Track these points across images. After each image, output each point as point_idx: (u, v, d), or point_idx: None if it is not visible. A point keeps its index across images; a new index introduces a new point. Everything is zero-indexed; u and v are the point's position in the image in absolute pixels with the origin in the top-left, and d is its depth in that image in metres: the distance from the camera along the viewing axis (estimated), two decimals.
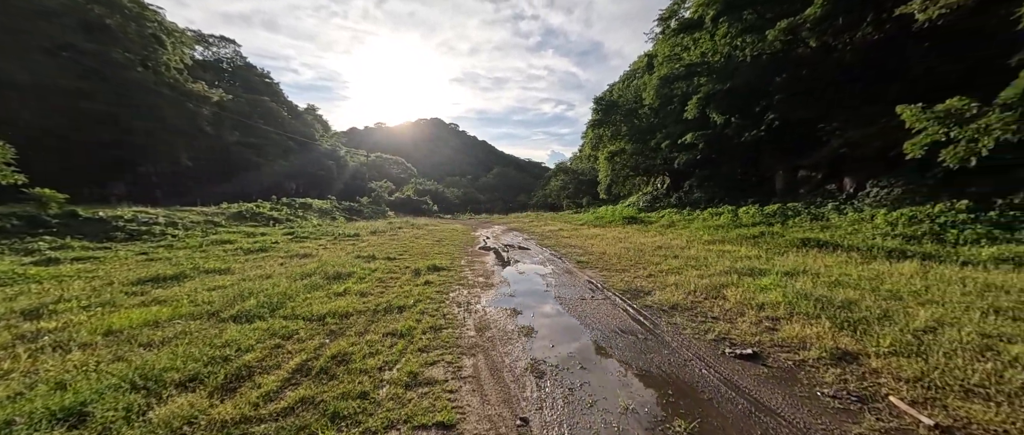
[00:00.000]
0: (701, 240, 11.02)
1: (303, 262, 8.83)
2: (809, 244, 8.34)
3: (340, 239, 14.75)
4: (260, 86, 46.51)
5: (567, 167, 54.48)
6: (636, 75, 32.32)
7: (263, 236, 14.34)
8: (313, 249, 11.48)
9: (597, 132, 27.48)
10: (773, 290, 4.92)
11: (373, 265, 8.40)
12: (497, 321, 4.61)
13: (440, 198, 57.49)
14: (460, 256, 10.36)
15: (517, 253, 11.07)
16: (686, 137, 17.32)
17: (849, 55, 14.71)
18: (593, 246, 11.54)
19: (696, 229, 13.78)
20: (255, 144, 36.17)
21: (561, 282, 6.88)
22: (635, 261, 8.42)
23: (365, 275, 7.19)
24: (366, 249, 11.50)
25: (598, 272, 7.59)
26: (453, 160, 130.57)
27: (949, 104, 7.75)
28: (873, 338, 3.36)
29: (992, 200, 8.60)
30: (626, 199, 36.13)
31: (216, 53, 47.46)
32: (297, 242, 13.37)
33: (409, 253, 10.83)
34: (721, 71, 16.45)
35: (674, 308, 4.80)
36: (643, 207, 27.39)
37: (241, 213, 18.70)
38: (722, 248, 9.28)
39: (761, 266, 6.66)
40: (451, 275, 7.47)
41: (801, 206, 13.06)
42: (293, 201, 24.91)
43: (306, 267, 7.62)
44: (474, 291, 6.20)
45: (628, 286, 6.14)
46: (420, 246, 12.56)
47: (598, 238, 13.65)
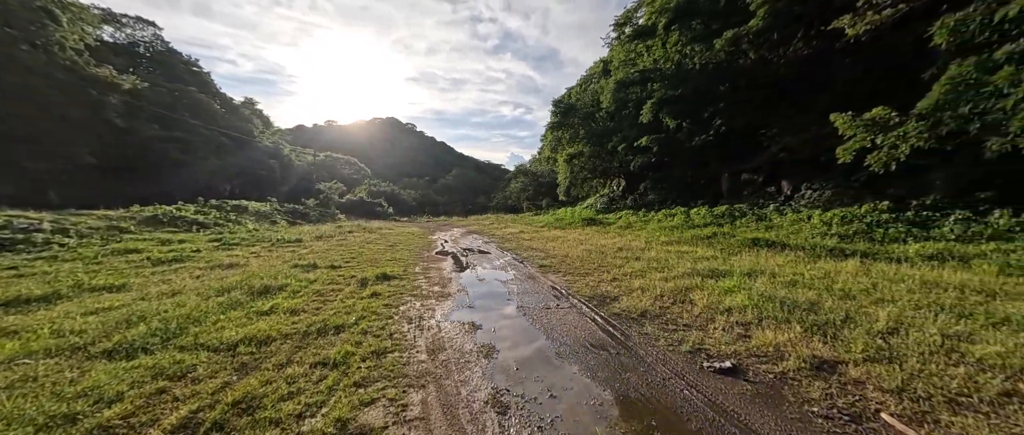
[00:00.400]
0: (659, 241, 11.18)
1: (226, 274, 7.58)
2: (759, 244, 8.67)
3: (278, 246, 13.22)
4: (186, 75, 41.55)
5: (527, 169, 54.72)
6: (593, 79, 33.15)
7: (181, 244, 12.43)
8: (242, 258, 10.07)
9: (556, 134, 27.68)
10: (738, 293, 4.83)
11: (312, 275, 7.41)
12: (453, 339, 4.03)
13: (396, 200, 55.10)
14: (415, 262, 9.58)
15: (476, 257, 10.50)
16: (642, 140, 17.82)
17: (783, 68, 15.92)
18: (555, 249, 11.28)
19: (652, 230, 14.09)
20: (180, 139, 32.10)
21: (524, 289, 6.44)
22: (598, 264, 8.22)
23: (301, 288, 6.24)
24: (307, 256, 10.30)
25: (562, 277, 7.26)
26: (410, 161, 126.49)
27: (875, 113, 8.40)
28: (844, 343, 3.26)
29: (908, 201, 9.53)
30: (584, 201, 36.89)
31: (131, 35, 41.76)
32: (224, 250, 11.73)
33: (357, 260, 9.84)
34: (673, 78, 17.13)
35: (643, 316, 4.53)
36: (601, 208, 27.99)
37: (157, 217, 16.22)
38: (680, 249, 9.41)
39: (720, 267, 6.70)
40: (403, 284, 6.73)
41: (746, 207, 13.83)
42: (224, 204, 22.26)
43: (227, 280, 6.48)
44: (428, 302, 5.56)
45: (594, 292, 5.83)
46: (370, 252, 11.55)
47: (559, 240, 13.47)
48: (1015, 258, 5.49)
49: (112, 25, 39.66)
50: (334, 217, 31.89)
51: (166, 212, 17.12)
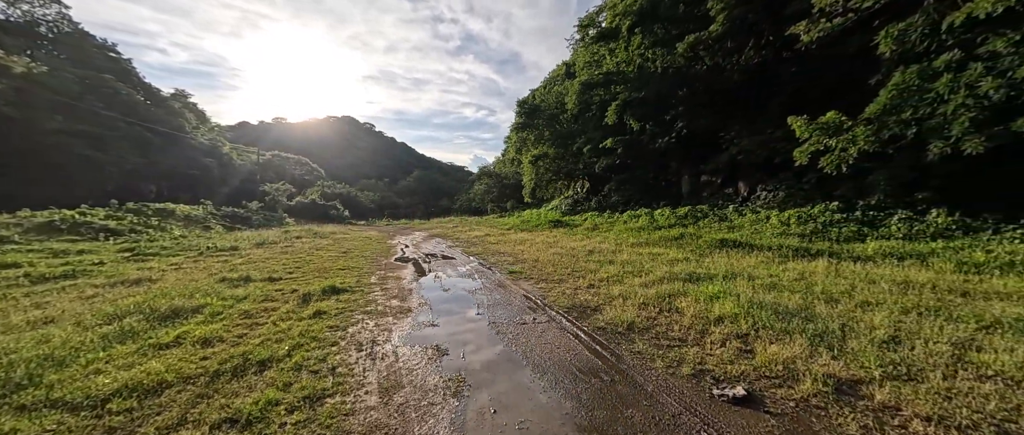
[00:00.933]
0: (628, 243, 11.02)
1: (128, 293, 6.19)
2: (726, 245, 8.69)
3: (208, 255, 11.50)
4: (100, 61, 36.39)
5: (491, 171, 54.07)
6: (556, 81, 33.29)
7: (81, 255, 10.38)
8: (157, 271, 8.49)
9: (521, 135, 27.34)
10: (724, 299, 4.53)
11: (242, 291, 6.24)
12: (413, 370, 3.30)
13: (352, 202, 52.09)
14: (370, 271, 8.58)
15: (440, 263, 9.68)
16: (607, 142, 17.88)
17: (737, 74, 16.65)
18: (524, 252, 10.74)
19: (619, 231, 14.03)
20: (91, 134, 27.81)
21: (494, 300, 5.79)
22: (571, 269, 7.77)
23: (223, 308, 5.13)
24: (241, 267, 8.92)
25: (535, 284, 6.70)
26: (368, 162, 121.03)
27: (828, 117, 8.71)
28: (854, 357, 2.97)
29: (855, 202, 10.09)
30: (549, 202, 36.92)
31: (29, 12, 35.80)
32: (136, 262, 9.93)
33: (302, 271, 8.66)
34: (636, 81, 17.36)
35: (631, 329, 4.06)
36: (566, 210, 28.02)
37: (52, 224, 13.61)
38: (651, 251, 9.24)
39: (696, 270, 6.48)
40: (355, 299, 5.81)
41: (707, 208, 14.19)
42: (145, 207, 19.42)
43: (125, 302, 5.19)
44: (384, 321, 4.73)
45: (572, 301, 5.31)
46: (319, 260, 10.32)
47: (527, 243, 12.97)
48: (965, 255, 5.73)
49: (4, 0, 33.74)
50: (281, 221, 29.22)
51: (66, 217, 14.47)
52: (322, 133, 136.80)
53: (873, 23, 9.81)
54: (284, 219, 30.52)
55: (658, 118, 16.54)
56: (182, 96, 47.82)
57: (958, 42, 7.09)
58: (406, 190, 79.17)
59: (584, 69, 19.07)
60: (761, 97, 15.38)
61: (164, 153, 36.97)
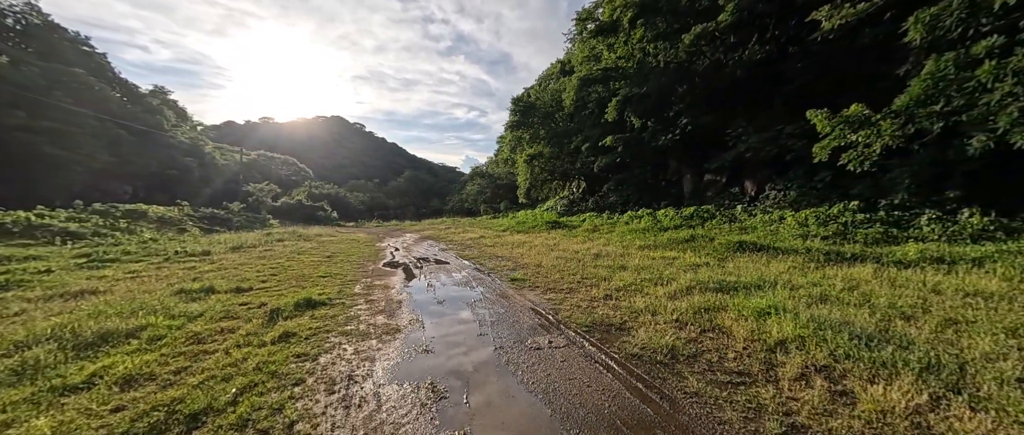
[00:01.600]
0: (635, 246, 10.29)
1: (61, 309, 5.18)
2: (746, 248, 8.00)
3: (174, 260, 10.41)
4: (71, 54, 34.53)
5: (484, 171, 53.14)
6: (551, 79, 32.61)
7: (26, 263, 9.22)
8: (109, 281, 7.45)
9: (516, 134, 26.55)
10: (777, 317, 3.77)
11: (200, 306, 5.29)
12: (402, 426, 2.45)
13: (341, 203, 50.68)
14: (355, 279, 7.67)
15: (433, 269, 8.80)
16: (606, 140, 17.19)
17: (739, 70, 16.11)
18: (524, 257, 9.93)
19: (622, 233, 13.31)
20: (57, 131, 26.12)
21: (498, 315, 4.96)
22: (579, 275, 6.98)
23: (168, 330, 4.19)
24: (207, 275, 7.92)
25: (542, 294, 5.88)
26: (358, 162, 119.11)
27: (852, 111, 8.09)
28: (998, 406, 2.21)
29: (875, 201, 9.51)
30: (544, 203, 36.19)
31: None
32: (88, 270, 8.82)
33: (279, 279, 7.71)
34: (635, 76, 16.72)
35: (673, 357, 3.27)
36: (562, 211, 27.31)
37: (2, 226, 12.31)
38: (663, 255, 8.51)
39: (724, 277, 5.74)
40: (333, 315, 4.92)
41: (713, 208, 13.56)
42: (114, 208, 18.07)
43: (43, 324, 4.21)
44: (366, 347, 3.86)
45: (591, 317, 4.51)
46: (299, 266, 9.35)
47: (526, 246, 12.16)
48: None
49: None
50: (264, 223, 27.89)
51: (20, 219, 13.15)
52: (311, 133, 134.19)
53: (886, 15, 9.30)
54: (268, 221, 29.17)
55: (660, 115, 15.91)
56: (161, 93, 45.94)
57: (1000, 26, 6.51)
58: (396, 191, 77.73)
59: (582, 64, 18.39)
60: (766, 93, 14.86)
61: (140, 152, 35.20)
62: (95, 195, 25.96)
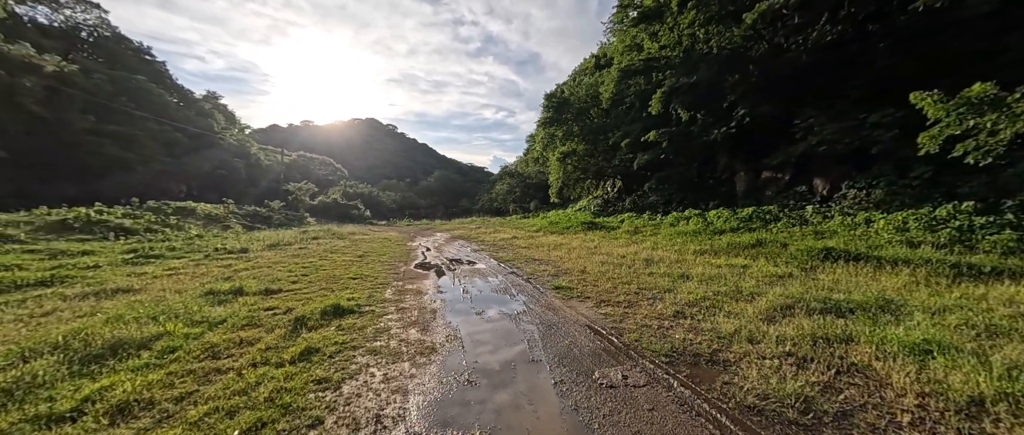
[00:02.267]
0: (689, 250, 9.17)
1: (93, 307, 4.99)
2: (835, 257, 6.73)
3: (213, 258, 10.48)
4: (135, 63, 37.37)
5: (514, 171, 52.54)
6: (585, 74, 31.39)
7: (80, 257, 9.54)
8: (148, 278, 7.40)
9: (548, 131, 25.65)
10: (947, 357, 2.74)
11: (224, 310, 4.91)
12: None
13: (374, 202, 51.89)
14: (386, 282, 7.18)
15: (467, 272, 8.17)
16: (649, 135, 15.95)
17: (805, 55, 14.38)
18: (564, 260, 9.09)
19: (668, 236, 12.13)
20: (120, 134, 28.20)
21: (548, 332, 4.19)
22: (634, 284, 6.08)
23: (185, 341, 3.77)
24: (240, 275, 7.72)
25: (595, 307, 5.05)
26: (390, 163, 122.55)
27: (977, 90, 6.63)
28: None
29: (996, 202, 7.85)
30: (576, 203, 35.04)
31: (71, 18, 37.19)
32: (132, 265, 8.95)
33: (310, 279, 7.37)
34: (682, 65, 15.36)
35: (814, 415, 2.36)
36: (596, 211, 26.14)
37: (65, 223, 13.06)
38: (728, 262, 7.38)
39: (827, 295, 4.65)
40: (361, 327, 4.36)
41: (776, 209, 12.07)
42: (164, 206, 19.01)
43: (61, 329, 3.91)
44: (397, 372, 3.22)
45: (668, 343, 3.63)
46: (331, 266, 9.04)
47: (564, 249, 11.31)
48: None
49: (47, 5, 35.11)
50: (302, 221, 28.73)
51: (81, 216, 13.94)
52: (346, 135, 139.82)
53: None
54: (305, 219, 30.07)
55: (711, 106, 14.49)
56: (213, 98, 48.97)
57: None
58: (426, 190, 78.91)
59: (623, 55, 17.23)
60: (837, 79, 13.09)
61: (193, 154, 37.55)
62: (154, 194, 27.83)
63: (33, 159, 23.85)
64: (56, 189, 22.96)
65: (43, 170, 24.52)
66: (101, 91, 27.79)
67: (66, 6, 36.18)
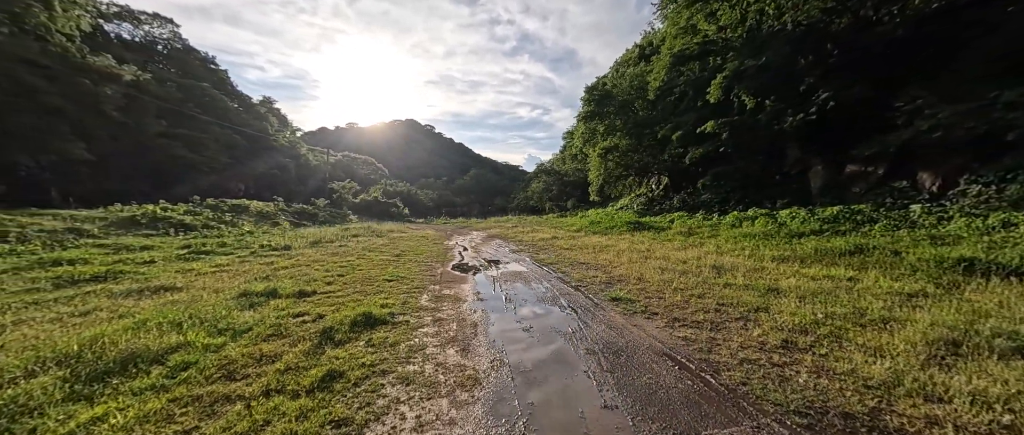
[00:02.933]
0: (766, 257, 7.83)
1: (132, 308, 4.85)
2: (983, 271, 5.23)
3: (259, 254, 10.63)
4: (201, 72, 40.64)
5: (549, 168, 51.34)
6: (627, 65, 29.66)
7: (140, 252, 10.00)
8: (194, 275, 7.42)
9: (589, 126, 24.39)
10: None
11: (254, 315, 4.56)
12: None
13: (412, 200, 53.05)
14: (423, 284, 6.66)
15: (507, 275, 7.46)
16: (706, 126, 14.36)
17: (900, 29, 12.18)
18: (613, 265, 8.13)
19: (731, 238, 10.69)
20: (188, 137, 30.66)
21: (617, 361, 3.34)
22: (710, 298, 5.05)
23: (202, 354, 3.36)
24: (279, 274, 7.56)
25: (666, 326, 4.12)
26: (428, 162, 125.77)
27: None
28: None
29: None
30: (617, 202, 33.39)
31: (150, 33, 41.17)
32: (186, 261, 9.19)
33: (345, 280, 7.03)
34: (747, 46, 13.62)
35: None
36: (640, 210, 24.56)
37: (134, 219, 14.03)
38: (826, 273, 6.06)
39: (1013, 327, 3.39)
40: (393, 342, 3.77)
41: (869, 209, 10.22)
42: (221, 203, 20.16)
43: (86, 334, 3.67)
44: (434, 413, 2.54)
45: (792, 389, 2.66)
46: (368, 265, 8.74)
47: (611, 251, 10.30)
48: None
49: (130, 22, 39.07)
50: (345, 218, 29.67)
51: (148, 213, 14.95)
52: (387, 136, 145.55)
53: None
54: (348, 216, 31.05)
55: (783, 91, 12.69)
56: (268, 102, 52.35)
57: None
58: (462, 189, 79.76)
59: (675, 38, 15.69)
60: (946, 53, 10.88)
61: (251, 155, 40.24)
62: (217, 192, 30.03)
63: (116, 161, 26.50)
64: (135, 188, 25.33)
65: (125, 171, 27.20)
66: (172, 98, 30.34)
67: (145, 22, 40.12)
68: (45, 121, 19.71)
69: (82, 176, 24.92)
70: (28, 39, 18.67)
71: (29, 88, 17.88)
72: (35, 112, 18.43)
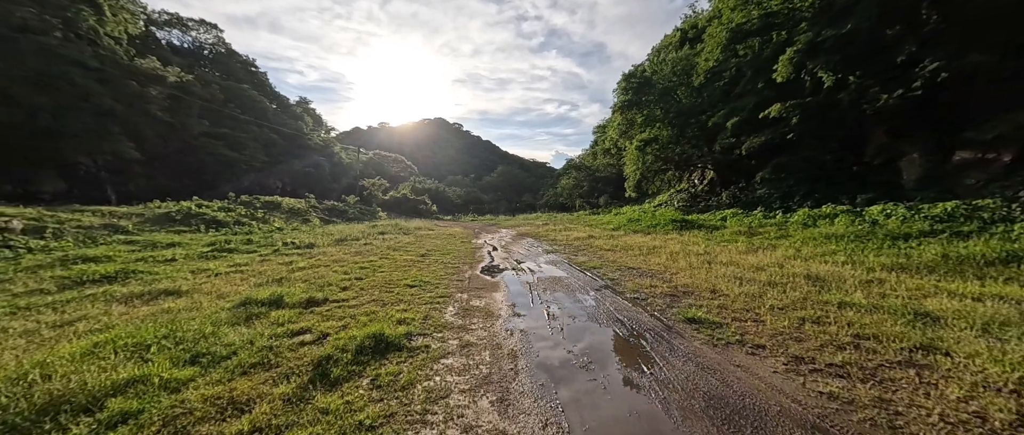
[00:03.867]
0: (876, 264, 6.21)
1: (120, 315, 4.22)
2: None
3: (281, 252, 10.15)
4: (242, 74, 42.31)
5: (580, 164, 49.43)
6: (668, 49, 27.47)
7: (166, 249, 9.77)
8: (206, 276, 6.88)
9: (626, 116, 22.65)
10: None
11: (242, 335, 3.74)
12: None
13: (440, 197, 53.01)
14: (448, 292, 5.69)
15: (545, 283, 6.33)
16: (770, 109, 12.45)
17: None
18: (671, 271, 6.80)
19: (806, 240, 8.97)
20: (229, 137, 31.78)
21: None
22: (822, 320, 3.74)
23: (157, 394, 2.50)
24: (294, 275, 6.88)
25: (789, 371, 2.85)
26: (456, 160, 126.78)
27: None
28: None
29: None
30: (653, 199, 31.32)
31: (197, 39, 43.36)
32: (207, 259, 8.79)
33: (363, 284, 6.22)
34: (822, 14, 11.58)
35: None
36: (681, 207, 22.60)
37: (169, 215, 14.17)
38: (988, 290, 4.47)
39: None
40: (410, 378, 2.79)
41: (996, 204, 8.16)
42: (255, 200, 20.40)
43: (33, 360, 2.94)
44: None
45: None
46: (391, 267, 7.93)
47: (660, 253, 8.93)
48: None
49: (179, 28, 41.22)
50: (374, 215, 29.67)
51: (183, 209, 15.10)
52: (416, 135, 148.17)
53: None
54: (377, 213, 31.08)
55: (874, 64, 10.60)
56: (304, 103, 53.98)
57: None
58: (490, 186, 79.18)
59: (735, 10, 13.75)
60: None
61: (287, 153, 41.45)
62: (256, 189, 31.07)
63: (165, 160, 27.83)
64: (183, 186, 26.47)
65: (173, 169, 28.54)
66: (214, 99, 31.54)
67: (192, 28, 42.26)
68: (99, 122, 20.69)
69: (135, 175, 26.31)
70: (82, 44, 19.62)
71: (83, 91, 18.75)
72: (90, 114, 19.35)
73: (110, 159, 22.90)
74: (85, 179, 24.48)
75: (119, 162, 24.15)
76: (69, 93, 19.25)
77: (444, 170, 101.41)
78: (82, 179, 24.33)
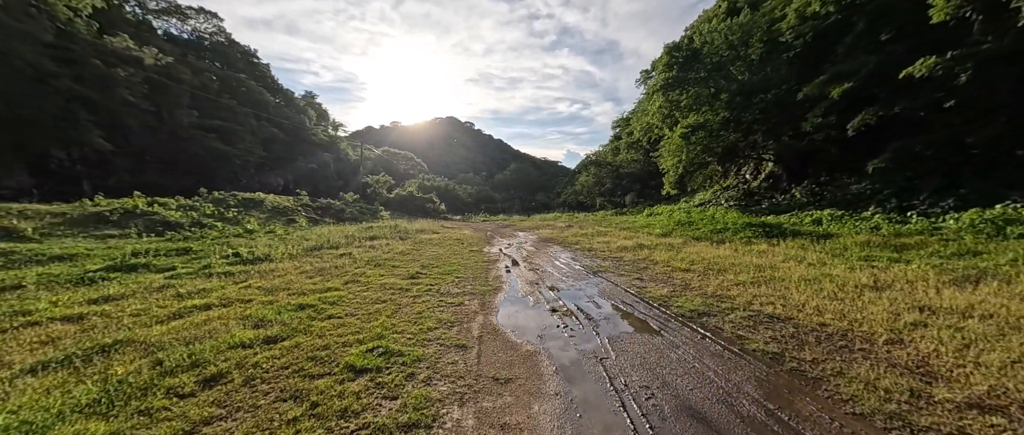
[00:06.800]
0: None
1: None
2: None
3: (207, 273, 6.95)
4: (241, 64, 40.02)
5: (600, 160, 45.43)
6: (712, 20, 23.49)
7: (46, 265, 6.71)
8: (39, 317, 3.65)
9: (669, 97, 18.91)
10: None
11: None
12: None
13: (450, 196, 49.88)
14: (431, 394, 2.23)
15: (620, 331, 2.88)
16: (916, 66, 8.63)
17: None
18: (849, 320, 3.20)
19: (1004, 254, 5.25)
20: (221, 128, 29.24)
21: None
22: None
23: None
24: (149, 335, 3.59)
25: None
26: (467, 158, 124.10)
27: None
28: None
29: None
30: (692, 197, 27.36)
31: (195, 28, 41.30)
32: (85, 285, 5.64)
33: (262, 370, 2.83)
34: None
35: None
36: (735, 206, 18.79)
37: (102, 215, 11.22)
38: None
39: None
40: None
41: None
42: (229, 197, 17.49)
43: None
44: None
45: None
46: (349, 305, 4.55)
47: (786, 284, 5.41)
48: None
49: (176, 17, 39.16)
50: (375, 214, 26.62)
51: (119, 208, 12.14)
52: (428, 134, 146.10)
53: None
54: (379, 212, 28.03)
55: None
56: (310, 97, 51.71)
57: None
58: (502, 184, 75.83)
59: None
60: None
61: (289, 149, 38.98)
62: (256, 187, 28.42)
63: (154, 154, 25.39)
64: (175, 182, 23.95)
65: (164, 165, 26.11)
66: (207, 88, 29.04)
67: (191, 17, 40.18)
68: (65, 109, 18.11)
69: (118, 169, 23.91)
70: (42, 18, 17.05)
71: (37, 70, 16.14)
72: (54, 99, 16.79)
73: (86, 151, 20.40)
74: (57, 173, 22.09)
75: (97, 155, 21.71)
76: (29, 76, 16.72)
77: (455, 168, 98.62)
78: (54, 173, 21.95)
